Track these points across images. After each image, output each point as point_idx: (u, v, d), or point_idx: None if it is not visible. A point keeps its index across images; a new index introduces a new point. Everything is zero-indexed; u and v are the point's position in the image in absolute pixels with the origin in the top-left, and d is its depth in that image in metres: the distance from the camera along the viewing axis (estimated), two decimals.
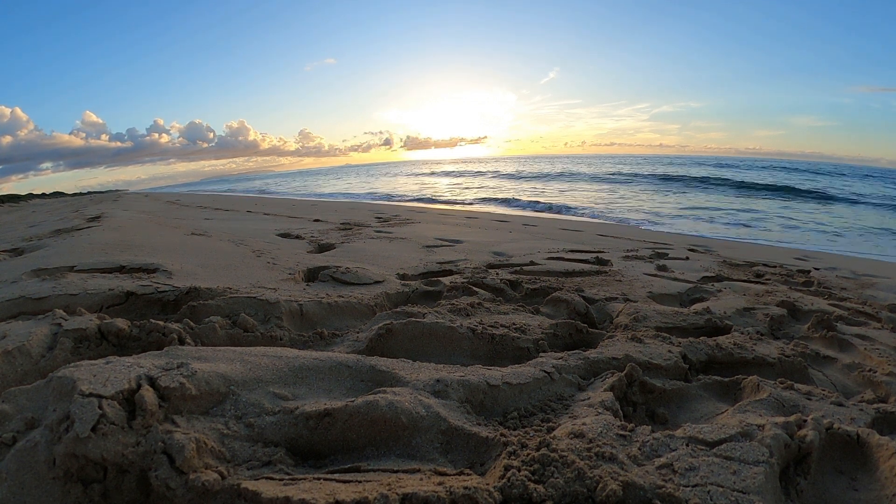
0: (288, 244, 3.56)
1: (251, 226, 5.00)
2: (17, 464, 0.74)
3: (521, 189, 16.68)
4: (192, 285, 1.90)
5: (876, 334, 1.83)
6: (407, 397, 1.00)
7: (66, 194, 29.64)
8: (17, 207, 16.07)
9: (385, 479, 0.80)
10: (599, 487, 0.78)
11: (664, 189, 15.81)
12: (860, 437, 0.98)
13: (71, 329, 1.32)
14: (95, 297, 1.76)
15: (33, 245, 3.18)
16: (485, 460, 0.91)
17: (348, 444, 0.93)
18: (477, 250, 3.53)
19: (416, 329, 1.55)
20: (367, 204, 11.34)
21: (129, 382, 0.86)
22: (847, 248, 6.04)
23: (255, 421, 0.92)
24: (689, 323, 1.86)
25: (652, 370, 1.37)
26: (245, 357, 1.12)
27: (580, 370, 1.32)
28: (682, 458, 0.87)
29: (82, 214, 6.33)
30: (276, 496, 0.71)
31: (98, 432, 0.75)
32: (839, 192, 15.40)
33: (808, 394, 1.25)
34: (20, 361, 1.19)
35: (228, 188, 32.68)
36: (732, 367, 1.48)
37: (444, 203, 12.64)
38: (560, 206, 10.88)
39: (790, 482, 0.88)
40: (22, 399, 0.90)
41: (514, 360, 1.47)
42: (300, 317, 1.75)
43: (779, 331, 1.92)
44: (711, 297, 2.36)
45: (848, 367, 1.53)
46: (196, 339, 1.44)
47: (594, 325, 1.91)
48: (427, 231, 4.69)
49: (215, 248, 3.10)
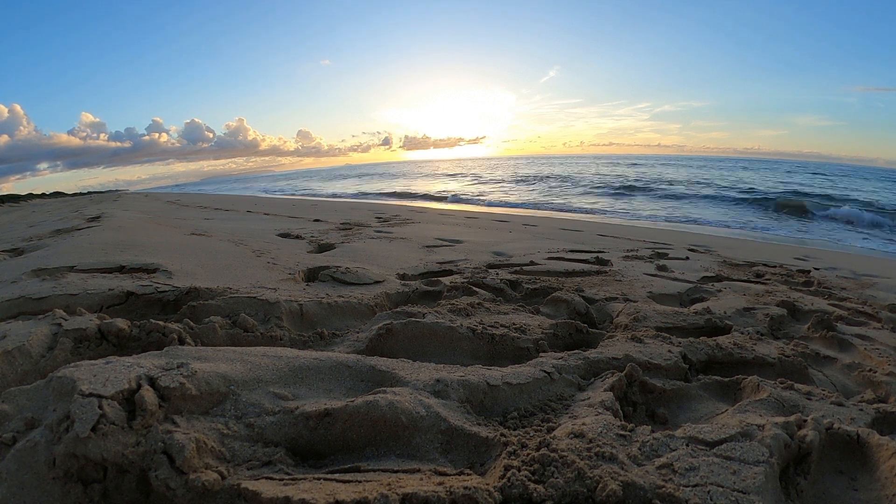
0: (288, 244, 3.56)
1: (251, 226, 5.00)
2: (17, 464, 0.74)
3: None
4: (192, 285, 1.90)
5: (876, 334, 1.83)
6: (407, 397, 1.00)
7: (66, 194, 29.65)
8: (17, 207, 16.07)
9: (385, 479, 0.80)
10: (599, 487, 0.78)
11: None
12: (860, 437, 0.98)
13: (71, 329, 1.32)
14: (95, 297, 1.75)
15: (33, 245, 3.18)
16: (485, 460, 0.91)
17: (348, 444, 0.93)
18: (477, 250, 3.53)
19: (416, 329, 1.55)
20: (367, 203, 11.34)
21: (129, 382, 0.86)
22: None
23: (255, 421, 0.92)
24: (689, 323, 1.86)
25: (652, 370, 1.37)
26: (245, 357, 1.12)
27: (580, 370, 1.32)
28: (682, 458, 0.87)
29: (82, 214, 6.33)
30: (276, 496, 0.71)
31: (98, 432, 0.75)
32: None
33: (808, 394, 1.25)
34: (20, 361, 1.19)
35: (245, 190, 29.86)
36: (732, 367, 1.48)
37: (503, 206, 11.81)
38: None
39: (790, 482, 0.88)
40: (22, 399, 0.90)
41: (514, 360, 1.47)
42: (300, 317, 1.75)
43: (779, 331, 1.92)
44: (711, 297, 2.36)
45: (848, 367, 1.53)
46: (196, 339, 1.44)
47: (594, 325, 1.91)
48: (427, 231, 4.69)
49: (215, 248, 3.10)
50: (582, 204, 12.14)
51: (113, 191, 35.59)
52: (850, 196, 14.32)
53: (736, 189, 15.39)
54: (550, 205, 11.91)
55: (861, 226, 9.34)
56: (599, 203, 12.40)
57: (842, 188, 17.87)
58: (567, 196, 14.54)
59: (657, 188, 15.80)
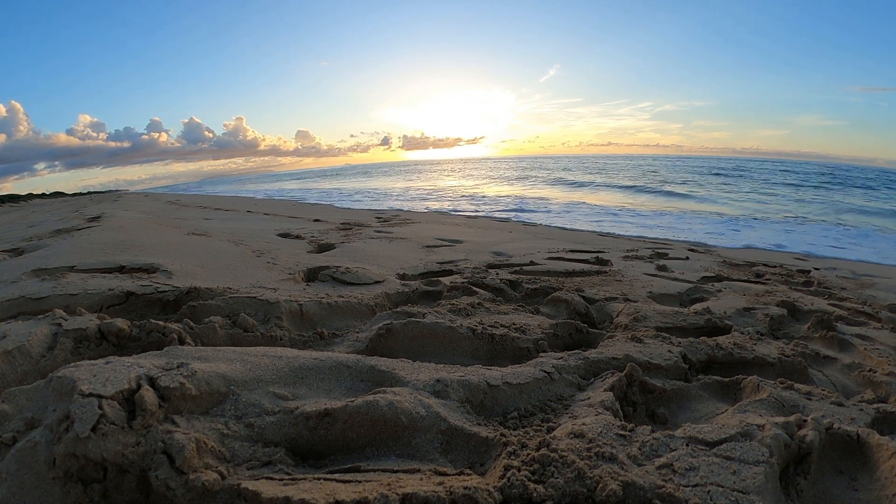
0: (288, 244, 3.56)
1: (251, 226, 5.00)
2: (17, 464, 0.74)
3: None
4: (192, 285, 1.90)
5: (876, 334, 1.83)
6: (407, 397, 1.00)
7: (66, 194, 29.64)
8: (17, 207, 16.07)
9: (385, 479, 0.80)
10: (599, 487, 0.78)
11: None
12: (860, 437, 0.98)
13: (71, 329, 1.32)
14: (95, 297, 1.75)
15: (33, 245, 3.18)
16: (485, 460, 0.91)
17: (348, 444, 0.93)
18: (477, 250, 3.53)
19: (416, 329, 1.55)
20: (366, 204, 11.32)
21: (129, 382, 0.86)
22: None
23: (255, 421, 0.92)
24: (689, 323, 1.86)
25: (652, 370, 1.37)
26: (245, 357, 1.12)
27: (580, 370, 1.32)
28: (682, 458, 0.87)
29: (82, 214, 6.33)
30: (276, 496, 0.71)
31: (98, 432, 0.75)
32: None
33: (808, 394, 1.25)
34: (20, 361, 1.19)
35: (256, 194, 20.78)
36: (732, 367, 1.48)
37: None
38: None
39: (790, 482, 0.88)
40: (22, 399, 0.90)
41: (514, 360, 1.47)
42: (300, 317, 1.75)
43: (779, 331, 1.92)
44: (711, 297, 2.36)
45: (848, 367, 1.53)
46: (196, 339, 1.44)
47: (594, 325, 1.91)
48: (427, 231, 4.69)
49: (215, 248, 3.10)
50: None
51: (113, 191, 35.59)
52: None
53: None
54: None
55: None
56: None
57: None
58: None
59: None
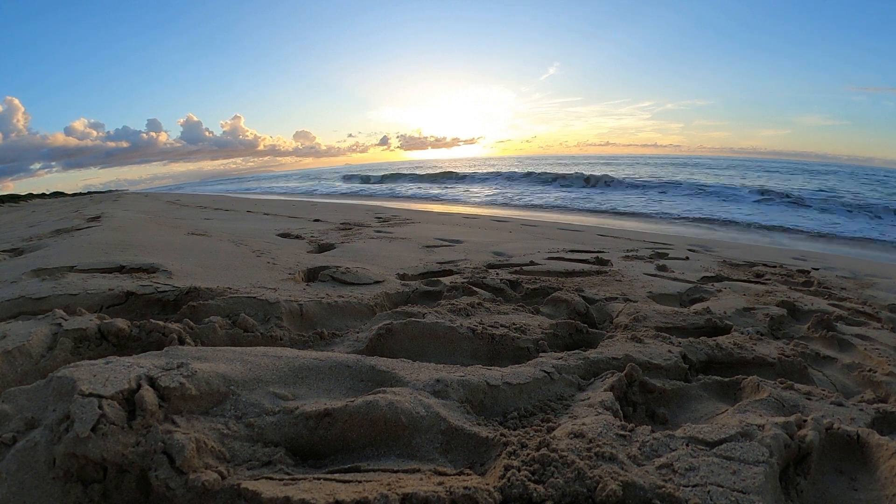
0: (288, 244, 3.56)
1: (251, 226, 5.00)
2: (17, 464, 0.74)
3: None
4: (192, 285, 1.90)
5: (876, 334, 1.83)
6: (407, 397, 1.00)
7: (66, 194, 29.64)
8: (17, 207, 16.07)
9: (385, 479, 0.80)
10: (599, 487, 0.78)
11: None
12: (860, 437, 0.98)
13: (71, 329, 1.32)
14: (95, 297, 1.75)
15: (33, 245, 3.18)
16: (485, 460, 0.91)
17: (348, 444, 0.93)
18: (477, 250, 3.53)
19: (416, 329, 1.55)
20: (367, 204, 11.33)
21: (129, 382, 0.86)
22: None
23: (255, 421, 0.92)
24: (689, 323, 1.86)
25: (652, 370, 1.37)
26: (245, 357, 1.12)
27: (580, 370, 1.32)
28: (682, 458, 0.87)
29: (82, 214, 6.33)
30: (276, 496, 0.71)
31: (98, 432, 0.75)
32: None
33: (808, 394, 1.25)
34: (20, 361, 1.19)
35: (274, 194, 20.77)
36: (732, 367, 1.48)
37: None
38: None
39: (790, 482, 0.88)
40: (22, 399, 0.90)
41: (514, 360, 1.47)
42: (300, 317, 1.75)
43: (779, 331, 1.92)
44: (711, 297, 2.36)
45: (848, 367, 1.53)
46: (196, 339, 1.44)
47: (594, 325, 1.91)
48: (427, 231, 4.69)
49: (215, 248, 3.10)
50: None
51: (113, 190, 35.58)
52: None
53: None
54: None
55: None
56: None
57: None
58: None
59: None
